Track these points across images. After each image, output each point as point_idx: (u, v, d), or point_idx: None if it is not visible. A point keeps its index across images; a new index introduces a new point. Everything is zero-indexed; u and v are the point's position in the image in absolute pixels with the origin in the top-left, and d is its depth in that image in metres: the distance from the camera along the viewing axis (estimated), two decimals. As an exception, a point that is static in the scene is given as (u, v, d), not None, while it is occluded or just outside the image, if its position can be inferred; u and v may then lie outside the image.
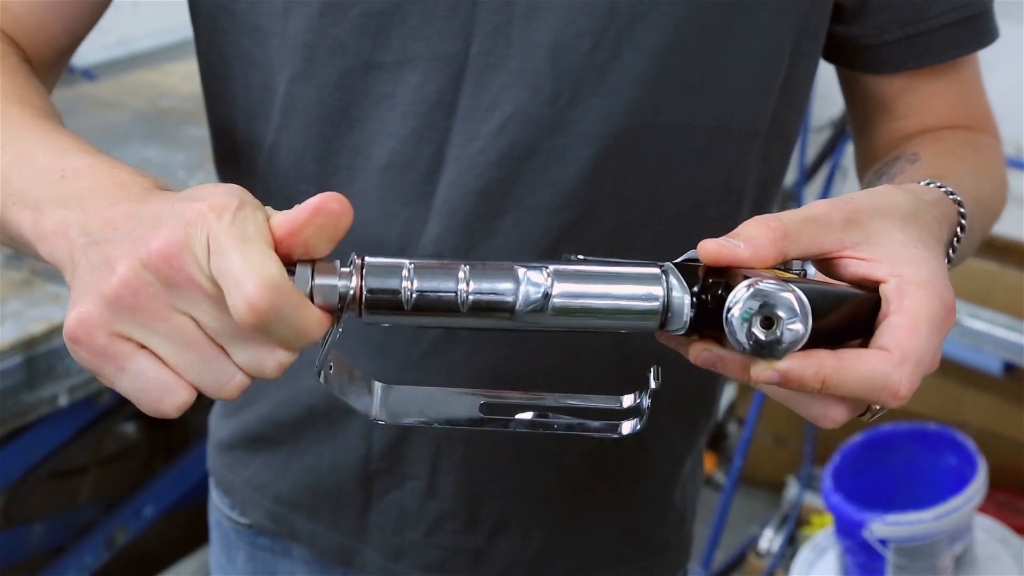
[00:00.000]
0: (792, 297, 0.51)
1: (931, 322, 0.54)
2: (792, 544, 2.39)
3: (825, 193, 2.38)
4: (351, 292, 0.52)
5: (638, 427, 0.59)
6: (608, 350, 0.79)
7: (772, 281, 0.51)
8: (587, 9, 0.69)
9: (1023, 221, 2.10)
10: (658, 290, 0.54)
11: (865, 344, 0.55)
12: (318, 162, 0.75)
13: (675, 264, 0.55)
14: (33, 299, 1.56)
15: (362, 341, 0.78)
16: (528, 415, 0.59)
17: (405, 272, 0.52)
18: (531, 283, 0.53)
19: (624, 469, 0.85)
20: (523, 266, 0.53)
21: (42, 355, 1.50)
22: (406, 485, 0.82)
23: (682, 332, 0.54)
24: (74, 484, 1.99)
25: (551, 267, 0.53)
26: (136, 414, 2.01)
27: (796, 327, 0.51)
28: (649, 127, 0.72)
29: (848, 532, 1.96)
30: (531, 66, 0.70)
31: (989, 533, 2.08)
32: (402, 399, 0.58)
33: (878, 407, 0.56)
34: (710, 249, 0.54)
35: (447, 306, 0.52)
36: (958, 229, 0.67)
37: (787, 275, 0.55)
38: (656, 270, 0.54)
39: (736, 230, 0.55)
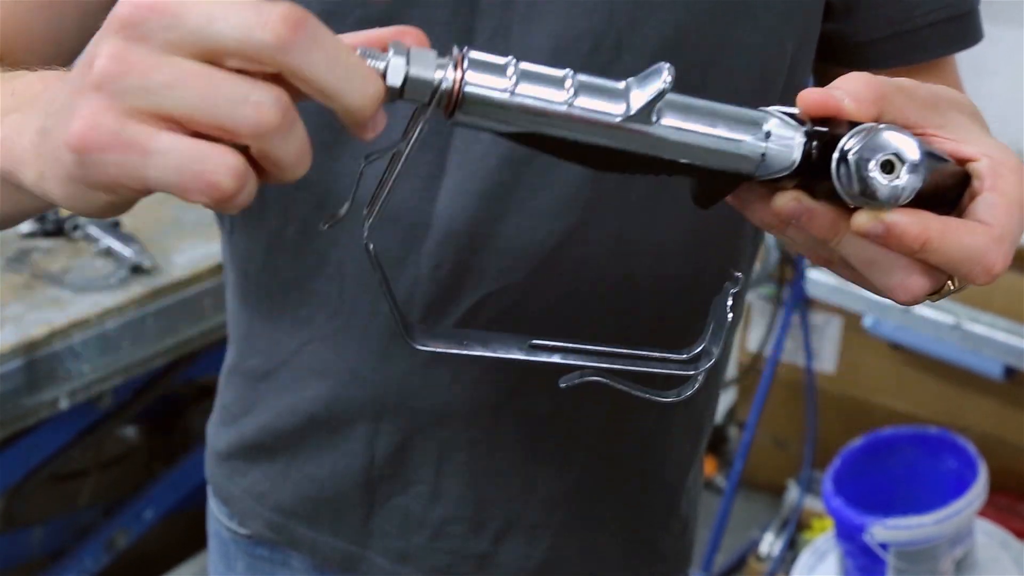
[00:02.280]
0: (913, 144, 0.50)
1: (1021, 205, 0.54)
2: (793, 548, 2.39)
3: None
4: (448, 86, 0.47)
5: (707, 366, 0.57)
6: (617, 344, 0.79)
7: (893, 127, 0.50)
8: (586, 12, 0.69)
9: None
10: (763, 130, 0.51)
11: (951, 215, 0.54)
12: (318, 168, 0.74)
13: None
14: (34, 302, 1.56)
15: (363, 344, 0.78)
16: (580, 362, 0.56)
17: (510, 71, 0.48)
18: (642, 91, 0.49)
19: (631, 475, 0.85)
20: (635, 79, 0.50)
21: (43, 358, 1.50)
22: (410, 490, 0.82)
23: (783, 175, 0.52)
24: (74, 487, 1.99)
25: (667, 75, 0.49)
26: (137, 417, 2.01)
27: (914, 175, 0.50)
28: None
29: (848, 536, 1.96)
30: None
31: (990, 537, 2.08)
32: (439, 332, 0.56)
33: (953, 285, 0.55)
34: (814, 98, 0.52)
35: (549, 111, 0.48)
36: None
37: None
38: (762, 113, 0.52)
39: (835, 83, 0.53)
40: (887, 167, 0.49)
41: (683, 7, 0.69)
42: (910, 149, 0.49)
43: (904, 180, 0.49)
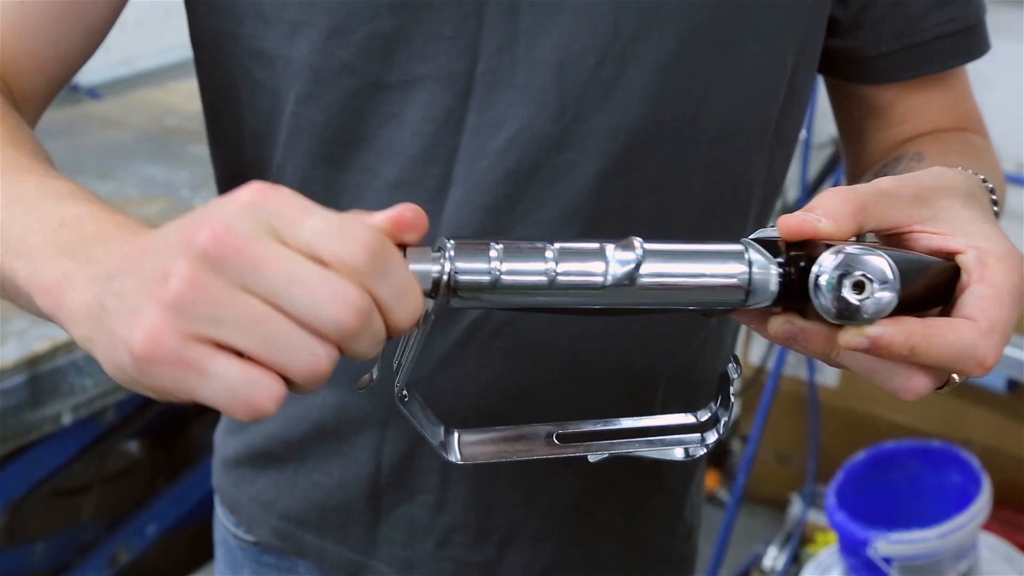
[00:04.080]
0: (882, 261, 0.51)
1: (1012, 293, 0.55)
2: (796, 562, 2.39)
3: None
4: (444, 277, 0.51)
5: (719, 436, 0.60)
6: (614, 364, 0.79)
7: (859, 247, 0.52)
8: (591, 26, 0.70)
9: (1023, 238, 2.11)
10: (741, 266, 0.54)
11: (945, 313, 0.55)
12: (325, 182, 0.75)
13: (753, 240, 0.55)
14: (37, 317, 1.56)
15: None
16: (605, 444, 0.60)
17: (493, 252, 0.51)
18: (619, 260, 0.52)
19: (635, 482, 0.85)
20: (611, 243, 0.53)
21: (46, 373, 1.50)
22: (416, 498, 0.82)
23: (767, 304, 0.54)
24: (77, 502, 1.98)
25: (640, 245, 0.52)
26: (139, 432, 2.01)
27: (886, 291, 0.51)
28: (654, 141, 0.72)
29: (852, 550, 1.95)
30: (536, 83, 0.71)
31: (993, 551, 2.07)
32: (474, 442, 0.59)
33: (958, 379, 0.56)
34: (791, 224, 0.54)
35: (536, 285, 0.52)
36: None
37: (869, 244, 0.55)
38: (739, 246, 0.54)
39: (812, 203, 0.55)
40: (858, 287, 0.51)
41: (686, 20, 0.70)
42: (877, 266, 0.51)
43: (877, 296, 0.51)
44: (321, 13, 0.70)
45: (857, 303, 0.51)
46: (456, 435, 0.58)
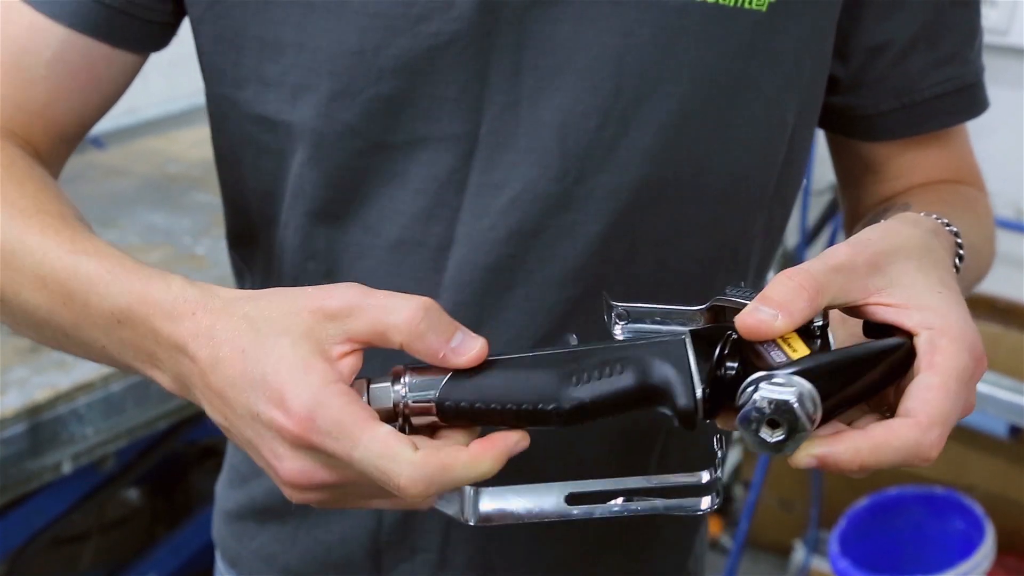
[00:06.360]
0: (791, 397, 0.52)
1: (960, 378, 0.56)
2: (800, 610, 2.37)
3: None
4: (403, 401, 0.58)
5: (717, 502, 0.62)
6: (612, 423, 0.79)
7: (776, 381, 0.52)
8: (593, 88, 0.70)
9: (1023, 284, 2.11)
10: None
11: (899, 390, 0.57)
12: (327, 240, 0.75)
13: (699, 330, 0.57)
14: (39, 366, 1.56)
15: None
16: (614, 501, 0.62)
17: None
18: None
19: (636, 536, 0.85)
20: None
21: (47, 422, 1.50)
22: (417, 557, 0.82)
23: (696, 417, 0.57)
24: (76, 551, 1.97)
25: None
26: (139, 480, 2.00)
27: (799, 428, 0.52)
28: (656, 201, 0.73)
29: (856, 598, 1.94)
30: (539, 144, 0.71)
31: (999, 598, 2.06)
32: (490, 500, 0.61)
33: None
34: (748, 324, 0.55)
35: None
36: (956, 259, 0.68)
37: (800, 348, 0.55)
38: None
39: (767, 292, 0.56)
40: (774, 424, 0.53)
41: (688, 83, 0.71)
42: (782, 400, 0.52)
43: (793, 432, 0.53)
44: (324, 77, 0.71)
45: (771, 441, 0.53)
46: (470, 494, 0.61)
